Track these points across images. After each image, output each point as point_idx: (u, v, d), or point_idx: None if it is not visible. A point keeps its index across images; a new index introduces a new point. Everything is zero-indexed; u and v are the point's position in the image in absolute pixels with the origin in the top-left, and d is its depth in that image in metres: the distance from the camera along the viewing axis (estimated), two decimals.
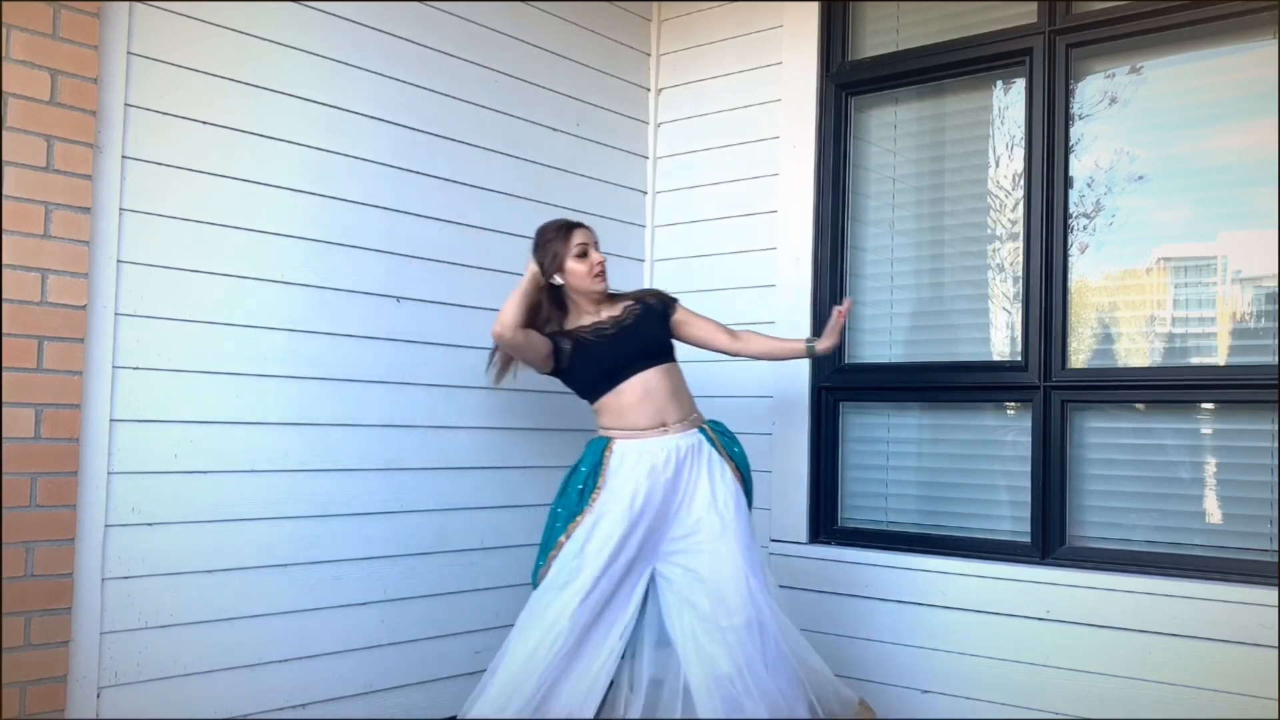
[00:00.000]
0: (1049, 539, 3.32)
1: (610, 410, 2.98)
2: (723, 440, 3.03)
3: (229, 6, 2.97)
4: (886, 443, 3.79)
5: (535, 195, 3.79)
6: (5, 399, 2.51)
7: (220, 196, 2.95)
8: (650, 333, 3.04)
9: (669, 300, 3.14)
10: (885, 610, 3.53)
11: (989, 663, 3.31)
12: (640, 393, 2.94)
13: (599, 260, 2.99)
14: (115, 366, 2.73)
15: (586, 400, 3.06)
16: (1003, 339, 3.59)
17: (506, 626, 3.56)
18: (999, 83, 3.63)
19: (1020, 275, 3.47)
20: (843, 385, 3.80)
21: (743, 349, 3.18)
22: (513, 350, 2.97)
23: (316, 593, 3.14)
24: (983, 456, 3.58)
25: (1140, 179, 3.34)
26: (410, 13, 3.42)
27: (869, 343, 3.84)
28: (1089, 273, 3.43)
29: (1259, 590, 2.92)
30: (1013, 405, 3.53)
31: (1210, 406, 3.18)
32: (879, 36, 3.87)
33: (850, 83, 3.85)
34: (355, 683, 3.23)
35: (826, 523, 3.80)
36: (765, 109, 3.97)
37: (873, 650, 3.54)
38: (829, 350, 3.13)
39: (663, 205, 4.25)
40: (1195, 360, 3.25)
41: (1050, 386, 3.36)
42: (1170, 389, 3.21)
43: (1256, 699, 2.87)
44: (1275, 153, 3.06)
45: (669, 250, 4.20)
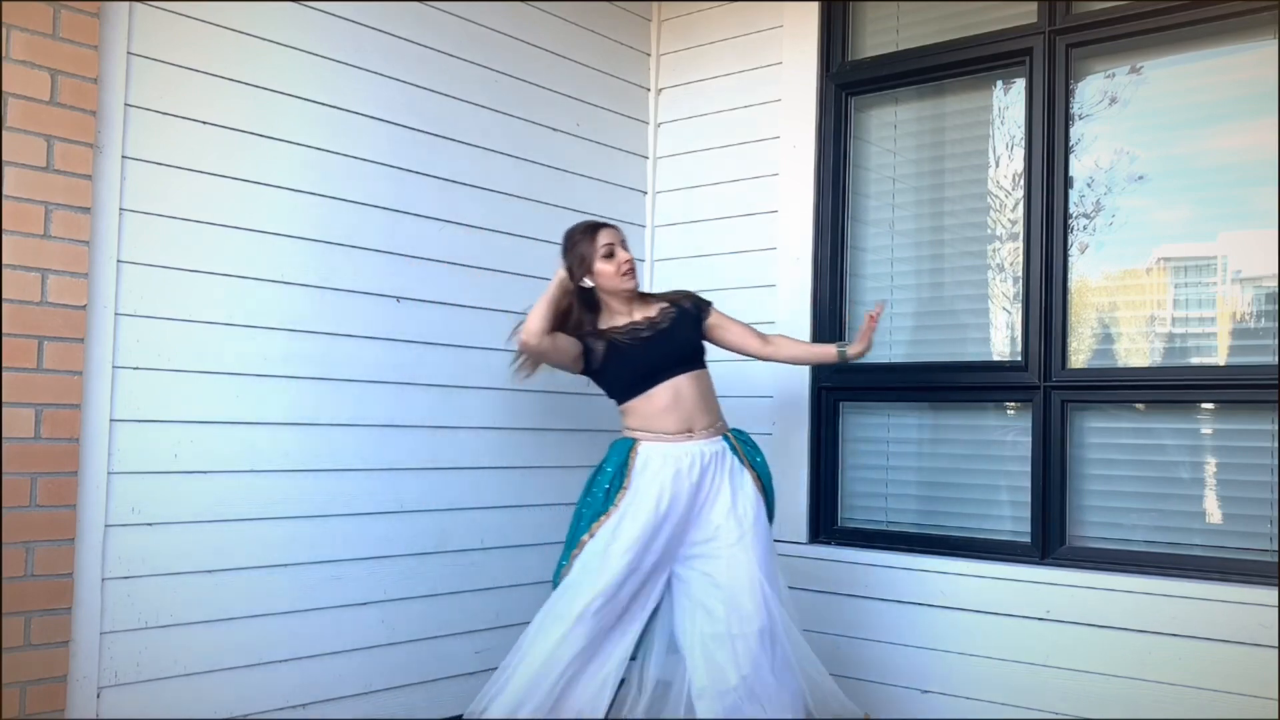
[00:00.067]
0: (1049, 539, 3.32)
1: (638, 413, 2.96)
2: (745, 449, 3.02)
3: (229, 6, 2.97)
4: (887, 443, 3.79)
5: (535, 195, 3.79)
6: (5, 399, 2.51)
7: (220, 196, 2.95)
8: (685, 336, 3.02)
9: (703, 303, 3.12)
10: (885, 610, 3.53)
11: (989, 663, 3.31)
12: (670, 398, 2.92)
13: (626, 259, 2.97)
14: (115, 366, 2.73)
15: (615, 400, 3.04)
16: (1003, 339, 3.59)
17: (507, 626, 3.58)
18: (999, 83, 3.63)
19: (1020, 275, 3.47)
20: (843, 385, 3.80)
21: (774, 354, 3.16)
22: (539, 357, 2.95)
23: (316, 593, 3.14)
24: (983, 456, 3.58)
25: (1140, 179, 3.34)
26: (410, 13, 3.42)
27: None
28: (1089, 273, 3.43)
29: (1259, 590, 2.92)
30: (1013, 405, 3.53)
31: (1210, 406, 3.18)
32: (879, 36, 3.87)
33: (850, 83, 3.85)
34: (355, 683, 3.23)
35: (826, 522, 3.80)
36: (765, 109, 3.97)
37: (873, 650, 3.54)
38: (860, 355, 3.07)
39: (663, 205, 4.25)
40: (1195, 360, 3.25)
41: (1050, 386, 3.36)
42: (1170, 389, 3.21)
43: (1256, 699, 2.87)
44: (1275, 153, 3.06)
45: (669, 250, 4.20)
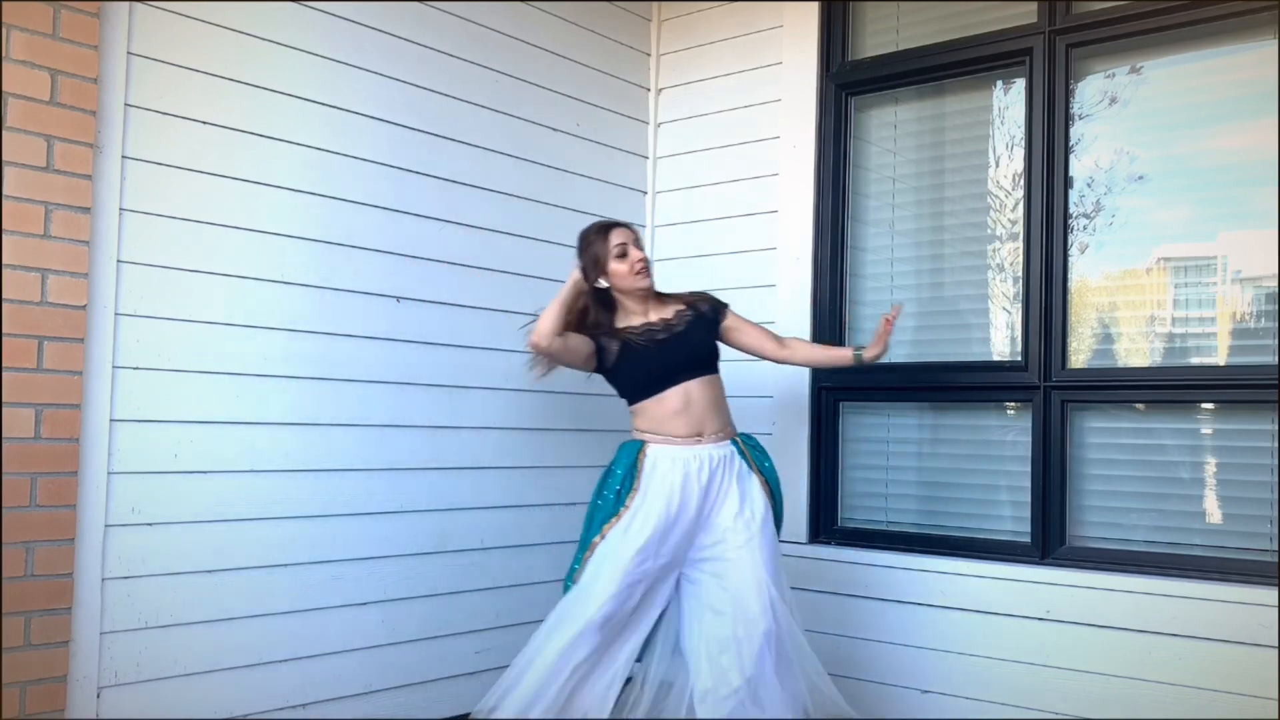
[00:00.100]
0: (1049, 539, 3.32)
1: (649, 415, 2.95)
2: (754, 454, 3.02)
3: (229, 6, 2.97)
4: (886, 443, 3.79)
5: (535, 195, 3.79)
6: (5, 399, 2.51)
7: (220, 196, 2.95)
8: (700, 339, 3.01)
9: (720, 306, 3.11)
10: (885, 610, 3.53)
11: (989, 663, 3.31)
12: (682, 402, 2.91)
13: (640, 257, 2.96)
14: (115, 366, 2.73)
15: (626, 400, 3.03)
16: (1003, 339, 3.59)
17: (508, 626, 3.59)
18: (999, 83, 3.63)
19: (1020, 275, 3.47)
20: (843, 385, 3.80)
21: (789, 357, 3.16)
22: (552, 358, 2.95)
23: (317, 593, 3.14)
24: (983, 456, 3.58)
25: (1140, 179, 3.34)
26: (410, 13, 3.42)
27: (869, 342, 3.82)
28: (1089, 273, 3.42)
29: (1259, 590, 2.92)
30: (1013, 405, 3.52)
31: (1210, 406, 3.18)
32: (879, 36, 3.87)
33: (850, 83, 3.85)
34: (355, 683, 3.23)
35: (827, 522, 3.80)
36: (765, 109, 3.97)
37: (872, 650, 3.54)
38: (877, 358, 3.06)
39: (663, 205, 4.25)
40: (1195, 360, 3.25)
41: (1050, 386, 3.36)
42: (1170, 389, 3.21)
43: (1256, 699, 2.87)
44: (1275, 153, 3.06)
45: (669, 250, 4.19)
